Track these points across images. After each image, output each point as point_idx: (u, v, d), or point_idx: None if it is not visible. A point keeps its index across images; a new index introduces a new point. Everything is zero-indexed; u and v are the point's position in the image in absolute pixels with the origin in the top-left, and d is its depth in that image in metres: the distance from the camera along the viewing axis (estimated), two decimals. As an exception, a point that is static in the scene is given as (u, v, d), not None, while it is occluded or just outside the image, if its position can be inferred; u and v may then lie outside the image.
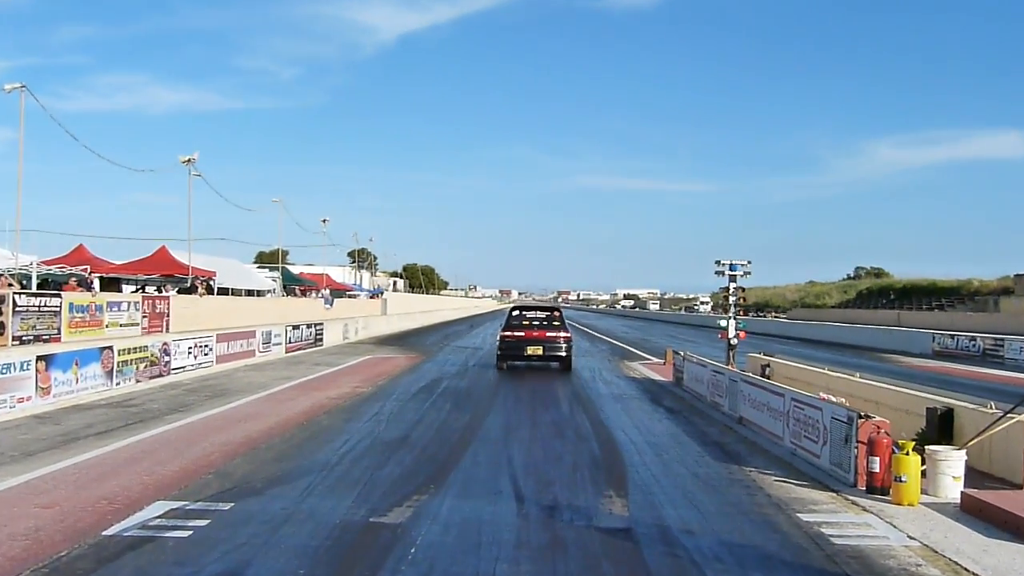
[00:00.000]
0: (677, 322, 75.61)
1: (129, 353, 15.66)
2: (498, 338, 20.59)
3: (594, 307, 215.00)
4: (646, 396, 16.10)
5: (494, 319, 70.78)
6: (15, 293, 14.59)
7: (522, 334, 20.27)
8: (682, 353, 18.05)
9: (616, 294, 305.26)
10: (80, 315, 16.17)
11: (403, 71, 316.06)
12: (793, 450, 9.88)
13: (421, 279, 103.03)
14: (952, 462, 7.69)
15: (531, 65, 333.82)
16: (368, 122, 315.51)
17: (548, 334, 20.22)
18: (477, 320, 67.20)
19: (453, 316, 74.95)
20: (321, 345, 29.30)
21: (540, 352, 19.91)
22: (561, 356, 19.90)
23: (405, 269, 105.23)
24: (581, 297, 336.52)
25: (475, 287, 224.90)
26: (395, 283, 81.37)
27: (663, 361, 23.68)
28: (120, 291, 24.36)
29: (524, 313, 21.57)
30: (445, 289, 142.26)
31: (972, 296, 53.30)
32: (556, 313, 21.56)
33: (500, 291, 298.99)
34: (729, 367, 15.66)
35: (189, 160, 24.65)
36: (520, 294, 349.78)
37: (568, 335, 20.42)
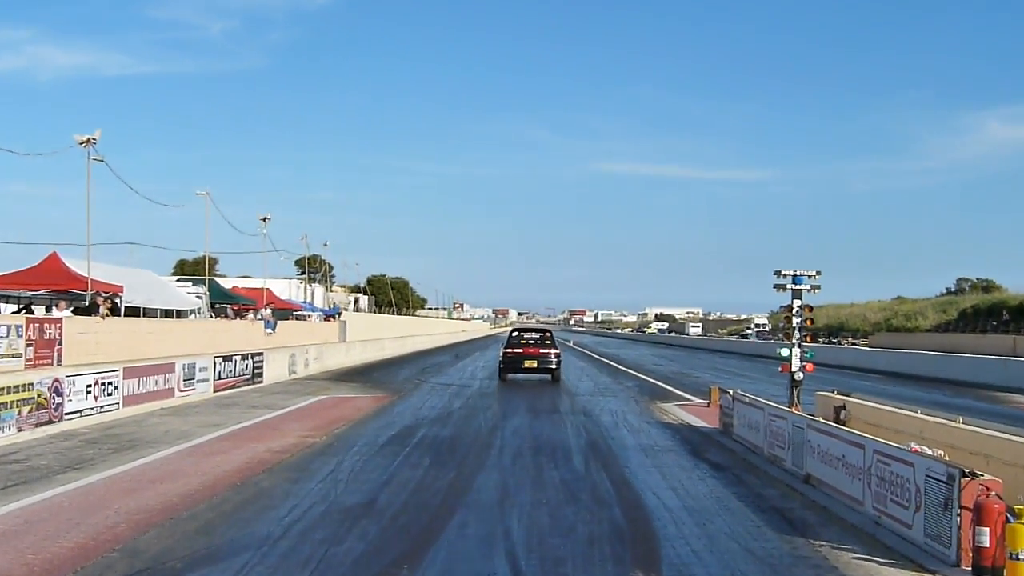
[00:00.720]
0: (725, 351, 76.02)
1: (8, 393, 15.66)
2: (500, 354, 32.45)
3: (618, 331, 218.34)
4: (684, 447, 16.30)
5: (486, 348, 71.27)
6: None
7: (520, 351, 32.31)
8: (731, 392, 18.20)
9: (646, 314, 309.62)
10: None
11: (366, 26, 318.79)
12: (876, 518, 9.96)
13: (391, 296, 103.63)
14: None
15: (531, 17, 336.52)
16: (321, 92, 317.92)
17: (541, 351, 32.36)
18: (464, 349, 67.80)
19: (433, 344, 75.68)
20: (260, 382, 29.37)
21: (535, 365, 31.71)
22: (551, 368, 31.82)
23: (370, 283, 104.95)
24: (601, 318, 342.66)
25: (461, 306, 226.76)
26: (357, 301, 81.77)
27: (706, 402, 23.74)
28: (-3, 311, 24.41)
29: (522, 333, 34.55)
30: (422, 309, 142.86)
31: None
32: (548, 334, 34.55)
33: (494, 311, 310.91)
34: (793, 410, 15.70)
35: (88, 141, 24.50)
36: (521, 315, 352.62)
37: (558, 352, 32.73)
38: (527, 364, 31.90)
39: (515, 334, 34.60)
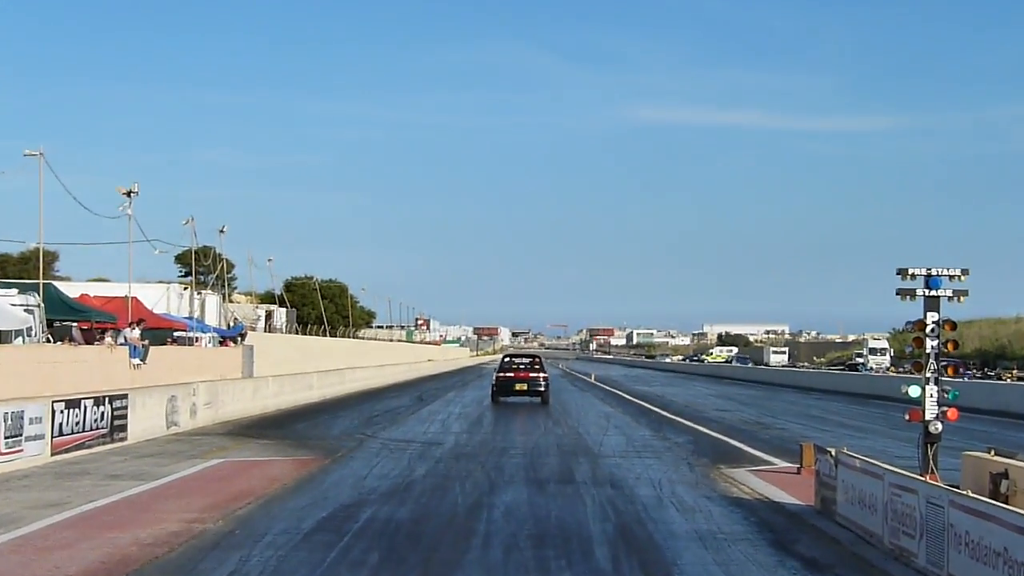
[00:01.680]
0: (823, 389, 75.78)
1: None
2: (494, 379, 51.97)
3: (665, 358, 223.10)
4: (763, 535, 16.45)
5: (464, 386, 73.28)
6: None
7: (512, 375, 51.30)
8: (832, 451, 18.26)
9: (703, 335, 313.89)
10: None
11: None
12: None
13: (322, 308, 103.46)
14: None
15: None
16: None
17: (531, 375, 51.16)
18: (432, 388, 68.48)
19: (385, 380, 76.61)
20: (124, 438, 29.39)
21: (525, 388, 50.68)
22: (540, 391, 50.48)
23: (291, 289, 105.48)
24: (637, 340, 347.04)
25: (427, 323, 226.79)
26: (271, 316, 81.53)
27: (795, 467, 23.88)
28: None
29: (513, 359, 54.87)
30: (369, 328, 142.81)
31: None
32: (537, 359, 54.01)
33: (477, 332, 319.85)
34: (927, 479, 15.59)
35: None
36: (517, 335, 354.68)
37: (546, 375, 52.06)
38: (518, 387, 51.11)
39: (506, 360, 54.94)
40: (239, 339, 53.43)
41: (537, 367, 51.75)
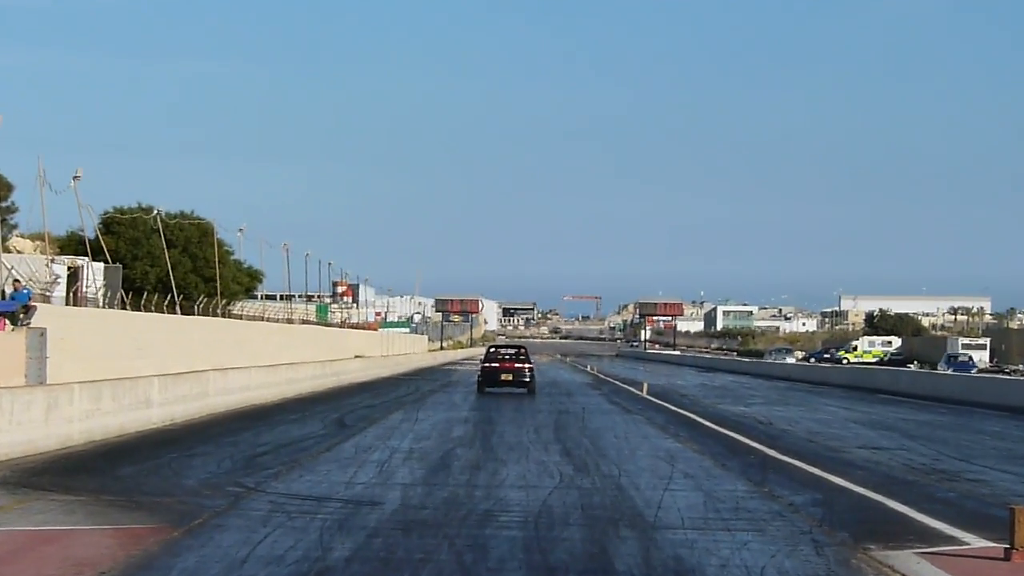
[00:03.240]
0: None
1: None
2: (479, 369, 59.51)
3: (782, 354, 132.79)
4: None
5: (420, 401, 53.71)
6: None
7: (497, 365, 57.84)
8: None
9: (841, 315, 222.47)
10: None
11: None
12: None
13: (167, 263, 71.27)
14: None
15: None
16: None
17: (516, 365, 57.36)
18: (362, 403, 50.68)
19: (280, 391, 54.47)
20: None
21: (511, 379, 56.65)
22: (526, 382, 56.36)
23: (112, 229, 75.43)
24: (724, 324, 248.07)
25: (352, 293, 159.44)
26: (76, 275, 58.28)
27: (1002, 546, 16.54)
28: None
29: (499, 350, 62.82)
30: (251, 300, 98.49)
31: None
32: (522, 350, 61.43)
33: (441, 306, 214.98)
34: None
35: None
36: (511, 313, 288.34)
37: (531, 366, 58.27)
38: (503, 378, 55.74)
39: (492, 350, 60.89)
40: (20, 317, 39.14)
41: (523, 358, 58.15)
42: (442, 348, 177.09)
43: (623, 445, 32.78)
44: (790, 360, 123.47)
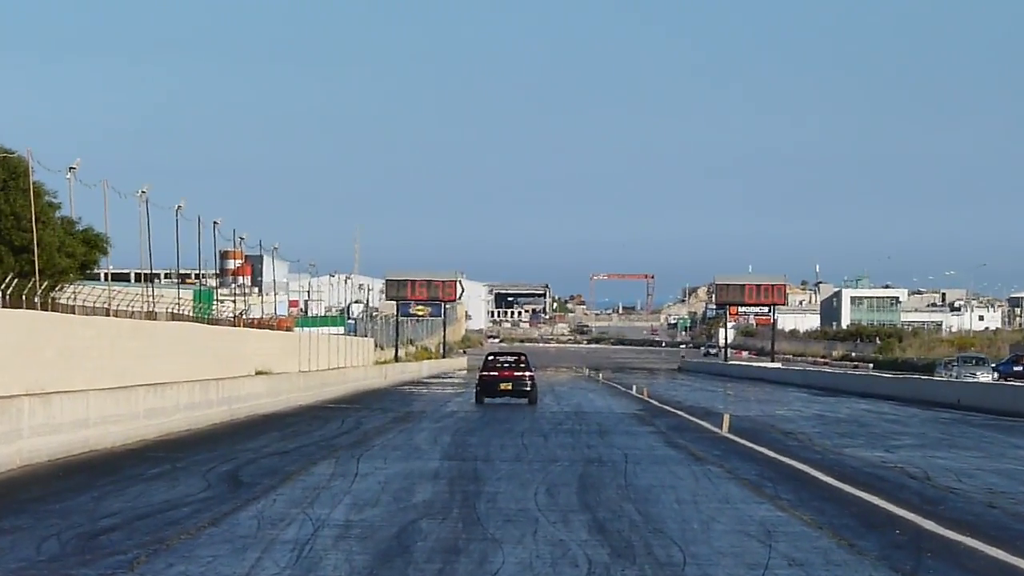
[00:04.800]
0: None
1: None
2: (477, 378, 60.82)
3: (966, 370, 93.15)
4: None
5: (362, 443, 38.17)
6: None
7: (496, 374, 58.29)
8: None
9: None
10: None
11: None
12: None
13: None
14: None
15: None
16: None
17: (516, 374, 57.70)
18: (267, 448, 36.58)
19: (136, 427, 38.88)
20: None
21: (510, 388, 56.99)
22: (526, 391, 56.78)
23: None
24: (852, 314, 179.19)
25: (253, 265, 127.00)
26: None
27: None
28: None
29: (498, 358, 62.54)
30: (91, 279, 73.86)
31: None
32: (522, 357, 60.61)
33: (391, 289, 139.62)
34: None
35: None
36: (509, 300, 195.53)
37: (532, 374, 58.68)
38: (503, 387, 57.06)
39: (490, 358, 61.89)
40: None
41: (523, 366, 57.51)
42: (398, 359, 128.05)
43: (690, 514, 23.95)
44: (984, 377, 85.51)
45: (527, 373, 56.82)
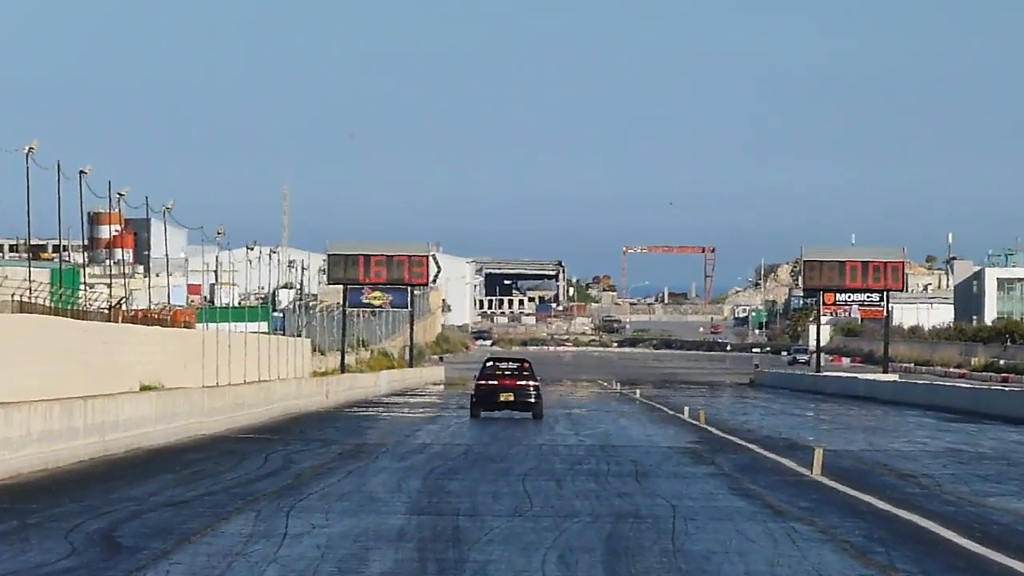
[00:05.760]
0: None
1: None
2: (473, 387, 55.89)
3: None
4: None
5: (294, 490, 20.07)
6: None
7: (495, 383, 53.38)
8: None
9: None
10: None
11: None
12: None
13: None
14: None
15: None
16: None
17: (518, 383, 52.94)
18: (154, 495, 22.71)
19: (9, 461, 30.49)
20: None
21: (512, 399, 52.80)
22: (530, 402, 52.67)
23: None
24: (998, 312, 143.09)
25: (143, 223, 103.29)
26: None
27: None
28: None
29: (497, 364, 56.63)
30: None
31: None
32: (525, 363, 55.70)
33: (334, 264, 54.44)
34: None
35: None
36: (502, 286, 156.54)
37: (536, 383, 53.98)
38: (503, 398, 52.27)
39: (489, 364, 56.11)
40: None
41: (526, 373, 52.86)
42: (345, 368, 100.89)
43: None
44: None
45: (531, 382, 52.75)
